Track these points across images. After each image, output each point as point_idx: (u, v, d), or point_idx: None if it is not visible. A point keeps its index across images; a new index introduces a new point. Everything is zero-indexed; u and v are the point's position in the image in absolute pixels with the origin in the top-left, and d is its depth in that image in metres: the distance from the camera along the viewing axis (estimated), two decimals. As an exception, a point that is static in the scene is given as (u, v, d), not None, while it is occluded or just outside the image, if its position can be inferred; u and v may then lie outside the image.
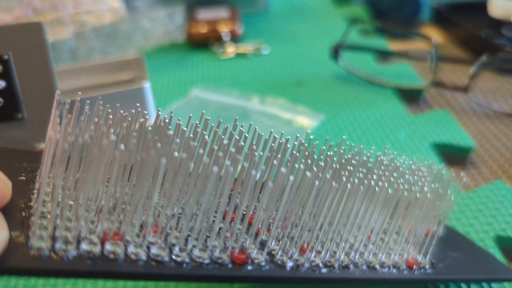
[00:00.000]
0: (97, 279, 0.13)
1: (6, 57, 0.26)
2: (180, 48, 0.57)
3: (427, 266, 0.21)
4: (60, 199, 0.15)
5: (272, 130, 0.19)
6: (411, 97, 0.43)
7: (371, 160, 0.21)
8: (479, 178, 0.32)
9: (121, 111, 0.18)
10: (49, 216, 0.15)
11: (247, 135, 0.19)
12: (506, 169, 0.33)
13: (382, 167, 0.21)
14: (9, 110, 0.27)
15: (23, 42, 0.27)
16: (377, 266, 0.20)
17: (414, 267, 0.21)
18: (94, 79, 0.38)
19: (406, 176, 0.21)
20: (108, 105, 0.18)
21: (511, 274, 0.23)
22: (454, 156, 0.35)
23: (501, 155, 0.34)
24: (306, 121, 0.39)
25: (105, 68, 0.39)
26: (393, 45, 0.54)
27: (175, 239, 0.16)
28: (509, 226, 0.27)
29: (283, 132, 0.19)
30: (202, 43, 0.56)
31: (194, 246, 0.16)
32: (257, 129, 0.19)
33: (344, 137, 0.21)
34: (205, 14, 0.59)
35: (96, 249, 0.14)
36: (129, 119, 0.18)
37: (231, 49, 0.54)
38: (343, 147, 0.21)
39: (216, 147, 0.17)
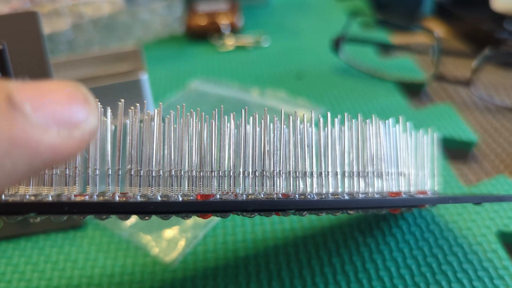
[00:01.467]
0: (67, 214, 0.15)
1: (0, 47, 0.26)
2: (179, 40, 0.56)
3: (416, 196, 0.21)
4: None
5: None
6: (412, 90, 0.43)
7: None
8: (481, 173, 0.32)
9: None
10: None
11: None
12: (509, 164, 0.32)
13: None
14: (3, 101, 0.26)
15: (18, 32, 0.26)
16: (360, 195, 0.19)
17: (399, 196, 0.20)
18: (91, 70, 0.38)
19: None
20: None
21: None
22: (456, 150, 0.35)
23: (503, 150, 0.34)
24: (306, 114, 0.38)
25: (102, 60, 0.38)
26: (395, 38, 0.54)
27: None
28: (511, 222, 0.27)
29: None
30: (201, 35, 0.55)
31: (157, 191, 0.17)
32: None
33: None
34: (204, 6, 0.59)
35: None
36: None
37: (230, 42, 0.53)
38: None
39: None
